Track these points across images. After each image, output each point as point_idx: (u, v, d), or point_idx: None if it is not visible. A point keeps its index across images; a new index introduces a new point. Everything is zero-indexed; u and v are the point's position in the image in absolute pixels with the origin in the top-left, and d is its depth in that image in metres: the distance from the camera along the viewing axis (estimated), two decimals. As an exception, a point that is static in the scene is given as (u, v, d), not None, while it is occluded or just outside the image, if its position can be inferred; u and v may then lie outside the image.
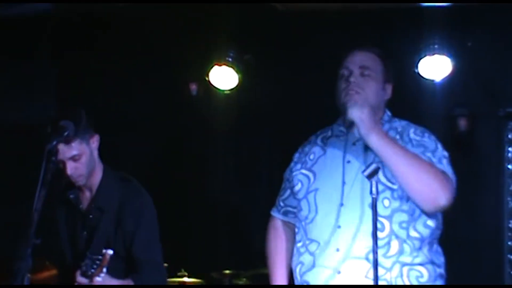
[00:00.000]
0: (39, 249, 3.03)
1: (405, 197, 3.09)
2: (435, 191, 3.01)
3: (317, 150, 3.33)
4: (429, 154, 3.11)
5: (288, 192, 3.41)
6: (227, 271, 5.92)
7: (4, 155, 5.66)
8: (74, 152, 3.49)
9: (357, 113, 3.05)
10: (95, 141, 3.61)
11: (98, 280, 3.31)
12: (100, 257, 3.32)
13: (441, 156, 3.13)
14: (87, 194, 3.70)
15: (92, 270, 3.31)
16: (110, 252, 3.33)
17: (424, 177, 3.01)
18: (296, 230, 3.32)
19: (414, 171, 3.01)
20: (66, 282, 3.58)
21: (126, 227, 3.59)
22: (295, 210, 3.36)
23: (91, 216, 3.66)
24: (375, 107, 3.22)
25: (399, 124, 3.31)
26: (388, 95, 3.31)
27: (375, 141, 3.02)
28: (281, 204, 3.45)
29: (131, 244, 3.57)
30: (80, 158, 3.53)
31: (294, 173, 3.34)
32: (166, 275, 3.87)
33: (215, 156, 6.58)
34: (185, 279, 5.95)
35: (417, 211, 3.10)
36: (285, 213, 3.44)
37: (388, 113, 3.35)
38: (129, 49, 6.19)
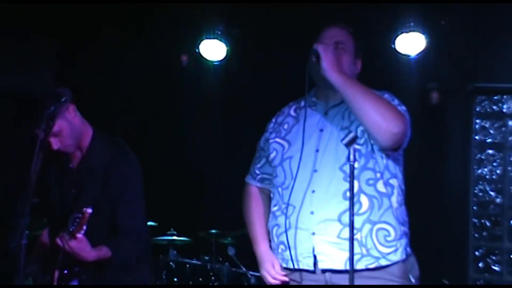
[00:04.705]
0: (36, 208, 3.04)
1: (369, 154, 3.12)
2: (389, 119, 3.02)
3: (290, 120, 3.34)
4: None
5: (264, 160, 3.41)
6: (214, 231, 6.00)
7: (6, 121, 5.59)
8: (55, 130, 3.45)
9: (323, 47, 3.09)
10: (71, 112, 3.55)
11: (79, 237, 3.30)
12: (80, 215, 3.30)
13: (397, 103, 3.18)
14: (78, 154, 3.65)
15: (73, 227, 3.30)
16: (89, 210, 3.30)
17: (379, 106, 3.03)
18: (272, 195, 3.33)
19: (371, 100, 3.03)
20: (54, 238, 3.46)
21: (112, 191, 3.54)
22: (270, 177, 3.36)
23: (79, 175, 3.63)
24: None
25: None
26: (358, 69, 3.32)
27: (335, 75, 3.04)
28: (257, 172, 3.45)
29: (115, 209, 3.54)
30: (61, 133, 3.50)
31: (269, 142, 3.35)
32: (146, 245, 3.72)
33: (204, 123, 6.58)
34: (174, 237, 6.03)
35: (378, 168, 3.13)
36: (261, 180, 3.44)
37: None
38: (125, 23, 6.16)
